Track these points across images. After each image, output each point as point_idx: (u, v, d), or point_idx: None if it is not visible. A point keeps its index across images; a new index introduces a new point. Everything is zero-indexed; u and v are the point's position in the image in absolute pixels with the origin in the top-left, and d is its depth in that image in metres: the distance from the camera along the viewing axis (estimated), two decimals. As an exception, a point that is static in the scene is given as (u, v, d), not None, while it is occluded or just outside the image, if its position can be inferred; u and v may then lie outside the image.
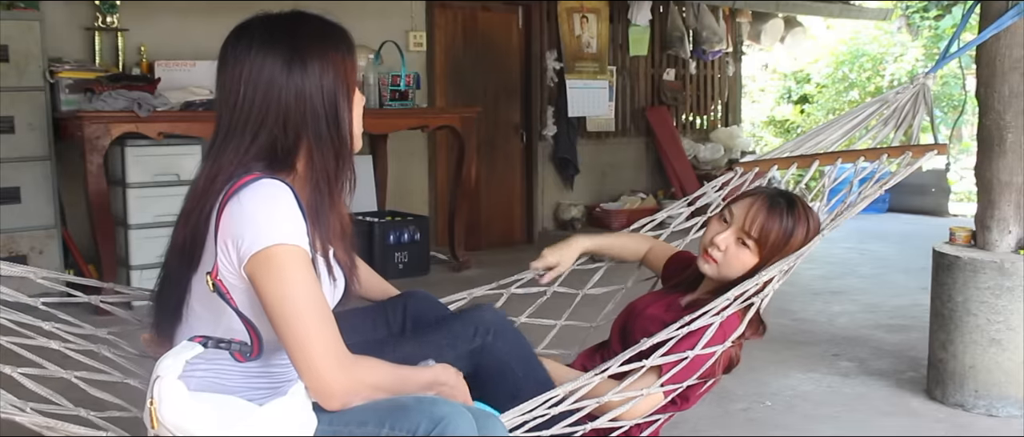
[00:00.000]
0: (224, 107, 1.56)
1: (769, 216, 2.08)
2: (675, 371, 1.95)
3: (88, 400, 1.91)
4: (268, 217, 1.46)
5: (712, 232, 2.15)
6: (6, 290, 1.92)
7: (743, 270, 2.09)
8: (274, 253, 1.44)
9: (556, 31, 7.66)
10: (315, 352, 1.45)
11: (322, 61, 1.54)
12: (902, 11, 11.50)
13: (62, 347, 1.98)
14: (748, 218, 2.09)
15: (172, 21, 5.59)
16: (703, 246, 2.16)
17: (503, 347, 1.93)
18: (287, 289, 1.44)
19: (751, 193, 2.19)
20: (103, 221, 4.75)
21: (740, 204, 2.13)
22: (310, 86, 1.53)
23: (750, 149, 9.43)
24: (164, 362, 1.44)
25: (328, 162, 1.55)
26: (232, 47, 1.56)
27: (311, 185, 1.55)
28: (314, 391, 1.47)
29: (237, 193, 1.47)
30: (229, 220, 1.47)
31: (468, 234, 6.45)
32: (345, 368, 1.48)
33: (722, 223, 2.14)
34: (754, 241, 2.08)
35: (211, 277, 1.46)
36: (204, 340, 1.47)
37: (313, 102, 1.53)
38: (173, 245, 1.59)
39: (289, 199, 1.49)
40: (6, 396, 1.61)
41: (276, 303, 1.45)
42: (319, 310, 1.47)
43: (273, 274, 1.44)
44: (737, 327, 2.02)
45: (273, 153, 1.53)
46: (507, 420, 1.76)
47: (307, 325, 1.45)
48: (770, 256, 2.08)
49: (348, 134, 1.58)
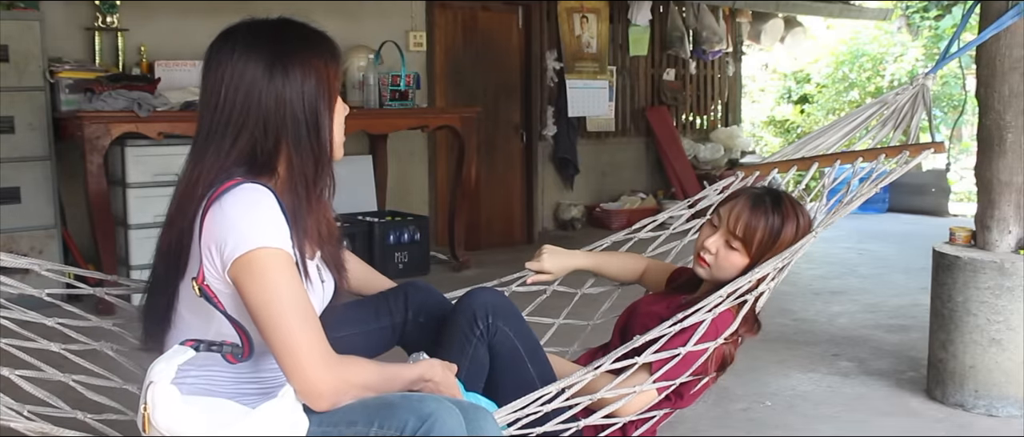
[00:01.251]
0: (205, 109, 1.56)
1: (753, 215, 2.09)
2: (667, 368, 1.96)
3: (86, 403, 1.91)
4: (250, 221, 1.46)
5: (703, 236, 2.17)
6: (10, 282, 1.93)
7: (735, 271, 2.10)
8: (256, 257, 1.45)
9: (556, 31, 7.66)
10: (301, 353, 1.45)
11: (304, 68, 1.55)
12: (902, 11, 11.49)
13: (62, 348, 1.99)
14: (732, 219, 2.11)
15: (172, 21, 5.59)
16: (696, 250, 2.18)
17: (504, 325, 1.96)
18: (270, 292, 1.45)
19: (736, 193, 2.21)
20: (103, 221, 4.75)
21: (726, 205, 2.15)
22: (291, 92, 1.54)
23: (750, 149, 9.44)
24: (156, 367, 1.44)
25: (307, 167, 1.56)
26: (216, 50, 1.57)
27: (290, 189, 1.56)
28: (302, 393, 1.47)
29: (219, 198, 1.48)
30: (212, 225, 1.47)
31: (468, 234, 6.45)
32: (331, 368, 1.48)
33: (712, 227, 2.17)
34: (740, 241, 2.10)
35: (197, 282, 1.47)
36: (196, 344, 1.47)
37: (293, 108, 1.54)
38: (159, 251, 1.60)
39: (270, 203, 1.49)
40: (4, 400, 1.62)
41: (260, 306, 1.45)
42: (303, 312, 1.47)
43: (256, 278, 1.44)
44: (730, 324, 2.03)
45: (253, 157, 1.54)
46: (500, 417, 1.76)
47: (291, 327, 1.45)
48: (760, 255, 2.09)
49: (328, 141, 1.59)
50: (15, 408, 1.64)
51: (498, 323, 1.95)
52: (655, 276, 2.46)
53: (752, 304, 2.06)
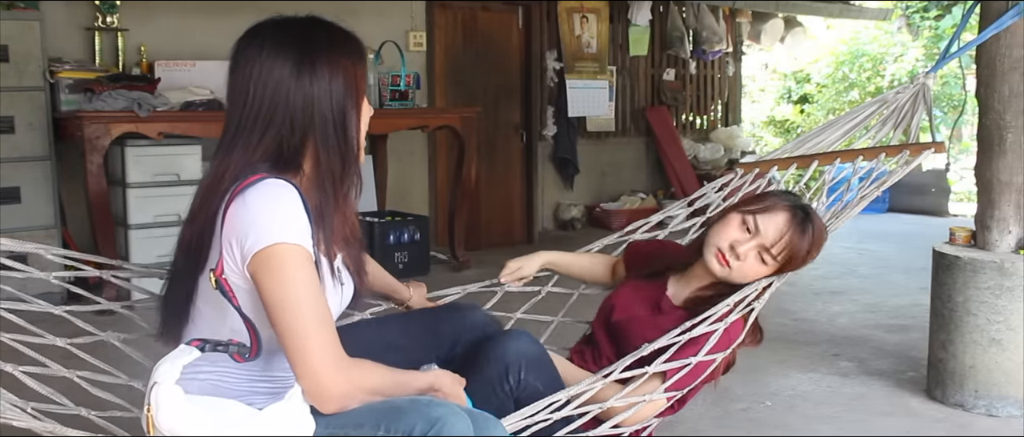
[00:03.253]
0: (234, 106, 1.56)
1: (796, 238, 2.05)
2: (679, 377, 1.95)
3: (91, 400, 1.91)
4: (272, 216, 1.46)
5: (732, 236, 2.07)
6: (19, 265, 1.93)
7: (755, 277, 2.08)
8: (276, 252, 1.44)
9: (556, 31, 7.66)
10: (312, 352, 1.44)
11: (332, 67, 1.55)
12: (902, 11, 11.50)
13: (68, 343, 1.99)
14: (774, 234, 2.04)
15: (172, 21, 5.59)
16: (718, 246, 2.08)
17: (535, 381, 1.91)
18: (287, 288, 1.44)
19: (773, 204, 2.10)
20: (103, 221, 4.75)
21: (770, 219, 2.06)
22: (319, 91, 1.54)
23: (750, 149, 9.44)
24: (160, 368, 1.44)
25: (334, 165, 1.56)
26: (244, 47, 1.57)
27: (317, 187, 1.56)
28: (310, 393, 1.47)
29: (243, 193, 1.48)
30: (234, 219, 1.47)
31: (468, 234, 6.45)
32: (342, 370, 1.47)
33: (745, 231, 2.07)
34: (774, 259, 2.06)
35: (215, 274, 1.46)
36: (201, 344, 1.47)
37: (321, 106, 1.54)
38: (180, 244, 1.59)
39: (293, 199, 1.49)
40: (7, 396, 1.61)
41: (276, 302, 1.45)
42: (318, 311, 1.47)
43: (274, 273, 1.44)
44: (740, 333, 2.02)
45: (280, 153, 1.54)
46: (509, 424, 1.76)
47: (306, 325, 1.44)
48: (784, 271, 2.09)
49: (355, 140, 1.59)
50: (19, 406, 1.64)
51: (529, 377, 1.89)
52: (622, 272, 2.46)
53: (757, 312, 2.07)
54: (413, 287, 2.30)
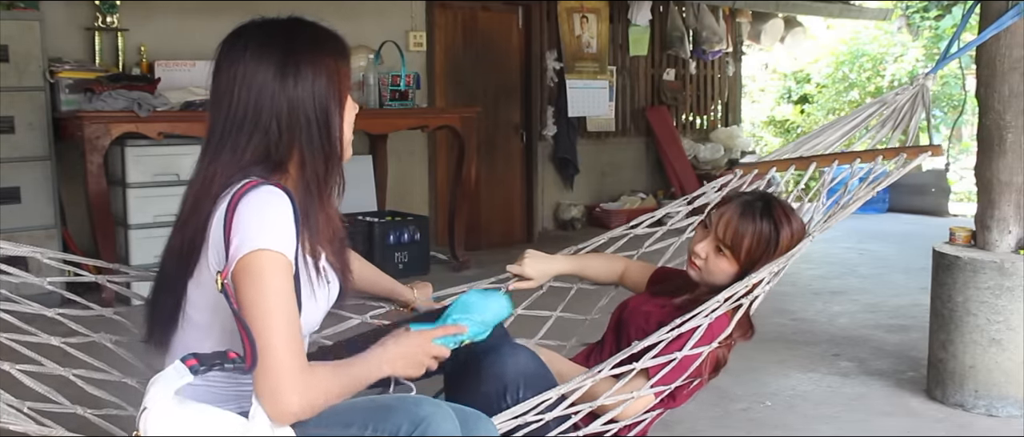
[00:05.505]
0: (218, 108, 1.56)
1: (741, 222, 2.09)
2: (663, 373, 1.96)
3: (86, 398, 1.92)
4: (259, 224, 1.45)
5: (695, 239, 2.18)
6: (13, 270, 1.93)
7: (726, 276, 2.11)
8: (256, 258, 1.43)
9: (556, 31, 7.66)
10: (276, 360, 1.40)
11: (315, 67, 1.55)
12: (902, 11, 11.49)
13: (63, 342, 1.99)
14: (721, 225, 2.11)
15: (172, 21, 5.59)
16: (688, 252, 2.19)
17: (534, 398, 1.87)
18: (262, 295, 1.42)
19: (727, 199, 2.20)
20: (103, 221, 4.75)
21: (717, 211, 2.15)
22: (303, 93, 1.53)
23: (750, 149, 9.44)
24: (152, 391, 1.38)
25: (318, 166, 1.56)
26: (228, 50, 1.57)
27: (301, 187, 1.56)
28: (266, 402, 1.41)
29: (239, 200, 1.47)
30: (230, 227, 1.46)
31: (468, 234, 6.45)
32: (298, 387, 1.42)
33: (704, 230, 2.17)
34: (728, 248, 2.10)
35: (222, 277, 1.45)
36: (194, 367, 1.38)
37: (305, 107, 1.54)
38: (170, 250, 1.58)
39: (283, 207, 1.48)
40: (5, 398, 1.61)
41: (249, 306, 1.42)
42: (288, 319, 1.44)
43: (252, 278, 1.43)
44: (725, 328, 2.03)
45: (267, 156, 1.54)
46: (499, 423, 1.76)
47: (272, 331, 1.41)
48: (750, 261, 2.09)
49: (338, 140, 1.59)
50: (15, 405, 1.64)
51: (528, 395, 1.86)
52: (634, 277, 2.46)
53: (747, 308, 2.07)
54: (418, 287, 2.28)
